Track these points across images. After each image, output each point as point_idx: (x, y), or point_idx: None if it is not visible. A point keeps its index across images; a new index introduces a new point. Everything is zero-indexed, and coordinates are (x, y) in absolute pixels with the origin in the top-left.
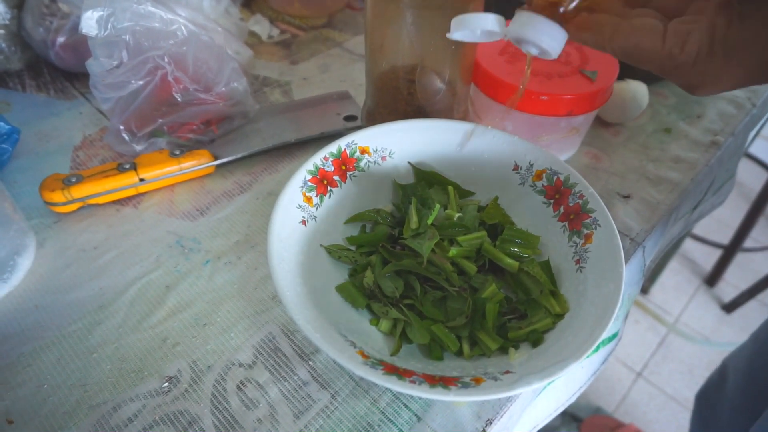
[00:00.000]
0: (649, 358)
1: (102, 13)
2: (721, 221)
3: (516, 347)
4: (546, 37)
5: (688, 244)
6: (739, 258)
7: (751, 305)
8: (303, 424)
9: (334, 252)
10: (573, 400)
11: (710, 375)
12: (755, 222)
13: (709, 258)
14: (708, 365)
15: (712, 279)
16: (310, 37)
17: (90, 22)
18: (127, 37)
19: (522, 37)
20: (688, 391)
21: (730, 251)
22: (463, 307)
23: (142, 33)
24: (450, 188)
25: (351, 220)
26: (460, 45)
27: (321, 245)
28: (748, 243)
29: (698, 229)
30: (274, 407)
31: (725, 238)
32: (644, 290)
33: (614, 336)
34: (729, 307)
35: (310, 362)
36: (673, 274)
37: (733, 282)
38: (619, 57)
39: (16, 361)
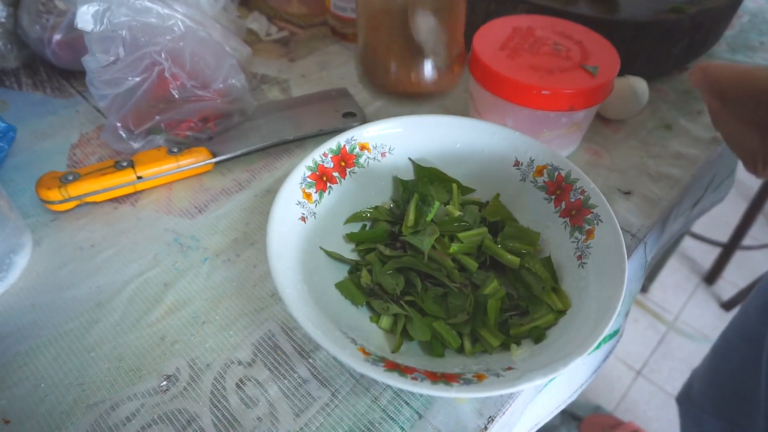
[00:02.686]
0: (649, 357)
1: (98, 7)
2: (719, 219)
3: (518, 344)
4: None
5: (687, 243)
6: (738, 256)
7: None
8: (303, 423)
9: (333, 254)
10: (574, 397)
11: (682, 386)
12: (754, 220)
13: (708, 256)
14: None
15: (711, 277)
16: (308, 35)
17: (86, 17)
18: (124, 32)
19: None
20: None
21: (729, 249)
22: (464, 303)
23: (139, 28)
24: (454, 185)
25: (350, 221)
26: None
27: (321, 248)
28: (746, 241)
29: (697, 228)
30: (274, 405)
31: (724, 236)
32: (644, 289)
33: (615, 333)
34: (728, 305)
35: (310, 360)
36: (672, 273)
37: (732, 280)
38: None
39: (12, 361)
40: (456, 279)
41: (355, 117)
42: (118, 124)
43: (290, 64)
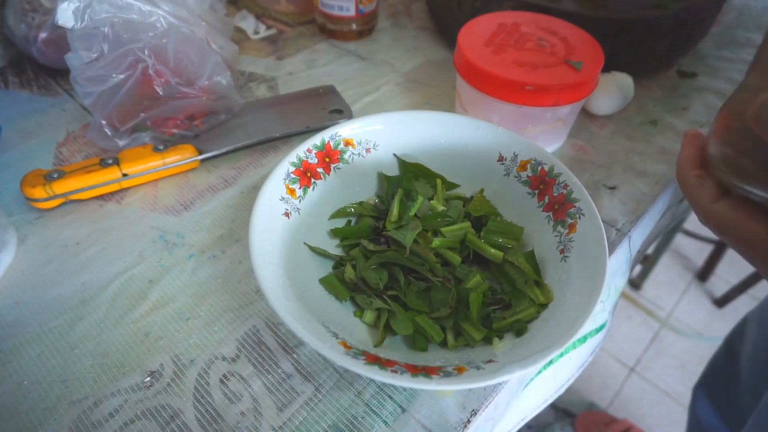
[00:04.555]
0: (642, 354)
1: (78, 4)
2: None
3: (500, 337)
4: None
5: (680, 240)
6: (731, 253)
7: (743, 300)
8: (286, 417)
9: (317, 249)
10: (561, 392)
11: (712, 360)
12: None
13: (700, 253)
14: (700, 360)
15: (703, 274)
16: (296, 33)
17: (66, 14)
18: (106, 29)
19: None
20: (681, 385)
21: (721, 246)
22: (447, 297)
23: (121, 25)
24: (438, 181)
25: (334, 216)
26: None
27: (304, 243)
28: None
29: (689, 225)
30: (258, 400)
31: None
32: (636, 286)
33: (602, 327)
34: (721, 302)
35: (294, 355)
36: (665, 270)
37: (725, 277)
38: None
39: None
40: (439, 273)
41: (342, 114)
42: (104, 122)
43: (278, 62)
